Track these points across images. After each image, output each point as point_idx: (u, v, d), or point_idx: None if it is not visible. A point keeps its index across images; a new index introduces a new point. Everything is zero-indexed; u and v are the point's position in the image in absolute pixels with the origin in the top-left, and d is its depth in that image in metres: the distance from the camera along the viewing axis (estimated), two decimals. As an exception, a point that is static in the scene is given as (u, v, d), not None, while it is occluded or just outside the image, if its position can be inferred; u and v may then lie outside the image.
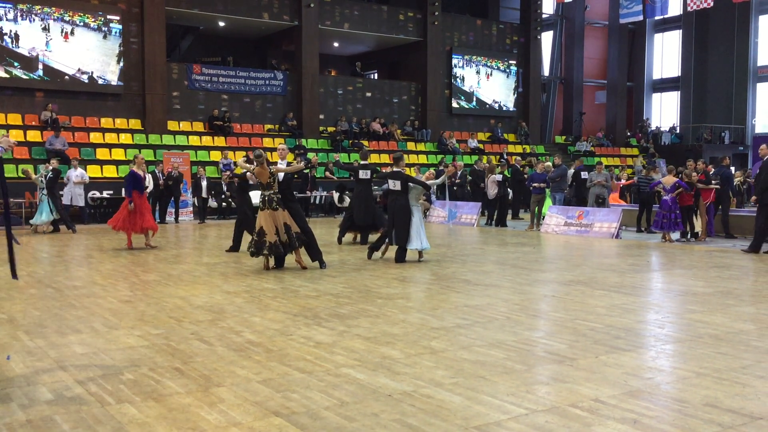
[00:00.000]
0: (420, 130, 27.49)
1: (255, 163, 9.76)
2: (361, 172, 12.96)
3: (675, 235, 14.32)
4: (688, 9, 26.16)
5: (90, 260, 11.10)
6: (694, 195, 14.12)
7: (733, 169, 19.37)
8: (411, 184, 10.70)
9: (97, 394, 4.37)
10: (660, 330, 6.27)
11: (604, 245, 13.60)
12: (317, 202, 22.19)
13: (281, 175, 9.94)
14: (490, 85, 29.77)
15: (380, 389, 4.47)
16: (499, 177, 18.05)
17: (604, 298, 7.74)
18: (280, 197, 9.72)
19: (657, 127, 34.89)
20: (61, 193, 17.29)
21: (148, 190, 18.25)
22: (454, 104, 28.91)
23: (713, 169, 15.06)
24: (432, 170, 12.74)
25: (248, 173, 10.21)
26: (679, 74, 34.79)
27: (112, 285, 8.65)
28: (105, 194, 19.50)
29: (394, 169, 10.92)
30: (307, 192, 21.06)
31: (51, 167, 15.93)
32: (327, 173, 22.48)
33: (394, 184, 10.73)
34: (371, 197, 12.87)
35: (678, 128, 34.25)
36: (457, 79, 28.89)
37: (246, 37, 27.20)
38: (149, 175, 18.55)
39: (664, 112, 36.45)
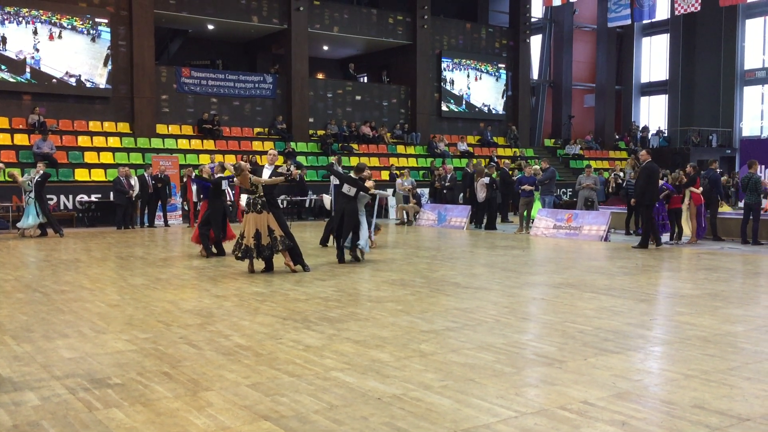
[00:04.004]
0: (410, 134, 27.53)
1: (235, 174, 9.85)
2: (332, 177, 13.33)
3: (663, 238, 14.40)
4: (676, 13, 26.35)
5: (78, 264, 11.03)
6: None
7: (720, 171, 19.49)
8: (361, 192, 11.19)
9: (84, 399, 4.34)
10: (648, 332, 6.29)
11: (593, 248, 13.66)
12: (308, 205, 22.21)
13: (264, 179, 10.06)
14: (479, 88, 29.84)
15: (369, 392, 4.46)
16: (486, 180, 18.06)
17: (593, 300, 7.77)
18: (264, 200, 9.77)
19: (645, 126, 35.03)
20: (49, 196, 17.20)
21: (134, 193, 18.27)
22: (444, 107, 28.96)
23: (694, 172, 15.04)
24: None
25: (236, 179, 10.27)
26: (667, 78, 35.01)
27: (100, 289, 8.60)
28: (93, 198, 19.41)
29: (354, 175, 11.38)
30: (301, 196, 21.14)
31: (41, 170, 15.86)
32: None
33: (348, 190, 11.16)
34: (342, 202, 13.02)
35: (666, 131, 34.45)
36: (447, 83, 28.94)
37: (235, 40, 27.16)
38: (137, 178, 18.52)
39: (653, 115, 36.66)
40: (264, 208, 9.72)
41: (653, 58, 36.36)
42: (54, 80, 21.05)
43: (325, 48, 28.40)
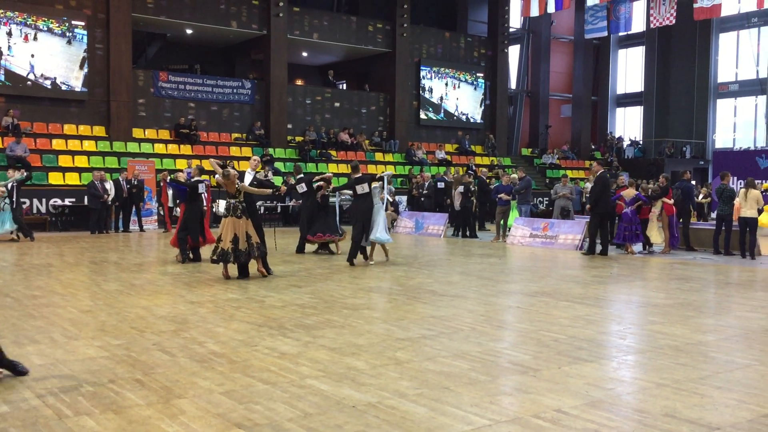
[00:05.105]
0: (388, 141, 27.56)
1: (222, 176, 9.88)
2: (297, 186, 13.58)
3: (637, 247, 14.56)
4: (651, 26, 26.73)
5: (50, 269, 10.87)
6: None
7: (694, 182, 19.76)
8: (374, 183, 11.76)
9: (54, 406, 4.28)
10: (622, 341, 6.36)
11: (568, 257, 13.77)
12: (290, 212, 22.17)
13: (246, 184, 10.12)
14: (457, 97, 30.00)
15: (344, 400, 4.45)
16: (460, 188, 18.11)
17: (567, 309, 7.83)
18: (244, 206, 9.79)
19: (619, 137, 35.47)
20: (22, 200, 16.95)
21: (109, 198, 18.06)
22: (422, 115, 29.06)
23: (666, 182, 15.17)
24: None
25: (218, 178, 10.25)
26: (642, 89, 35.47)
27: (72, 294, 8.49)
28: (67, 202, 19.16)
29: (355, 176, 11.80)
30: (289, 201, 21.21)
31: (24, 173, 15.73)
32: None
33: (362, 188, 11.62)
34: (314, 208, 13.25)
35: (641, 142, 34.89)
36: (425, 91, 29.05)
37: (214, 45, 27.03)
38: (112, 182, 18.32)
39: (628, 126, 37.10)
40: (244, 213, 9.76)
41: (629, 69, 36.82)
42: (29, 82, 20.79)
43: (305, 54, 28.38)
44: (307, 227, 13.30)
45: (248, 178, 10.50)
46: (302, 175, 13.91)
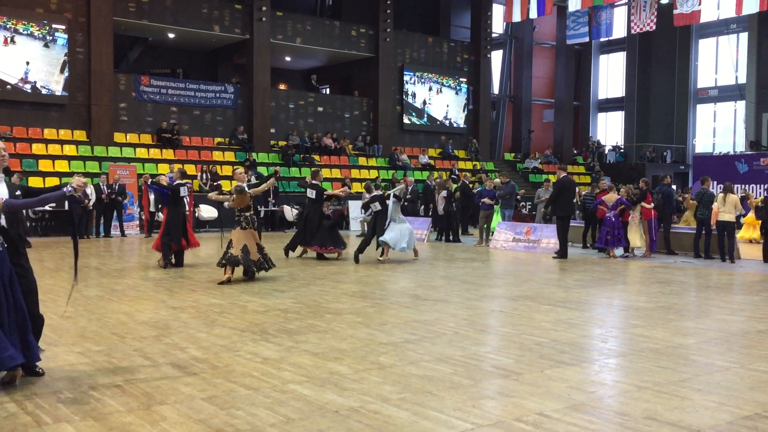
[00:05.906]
0: (371, 146, 27.59)
1: (234, 194, 10.17)
2: (308, 190, 13.42)
3: (618, 251, 14.67)
4: (632, 32, 26.99)
5: (30, 275, 10.74)
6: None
7: (674, 187, 19.95)
8: (387, 201, 12.75)
9: (33, 413, 4.23)
10: (603, 344, 6.40)
11: (551, 261, 13.83)
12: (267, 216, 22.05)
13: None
14: (441, 101, 30.09)
15: (327, 405, 4.44)
16: (444, 192, 18.16)
17: (550, 313, 7.87)
18: (254, 218, 10.26)
19: (597, 141, 35.77)
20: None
21: (90, 203, 17.90)
22: (406, 120, 29.12)
23: (646, 186, 15.27)
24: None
25: (228, 204, 10.54)
26: (623, 95, 35.79)
27: (52, 300, 8.40)
28: (47, 207, 18.96)
29: (370, 195, 13.03)
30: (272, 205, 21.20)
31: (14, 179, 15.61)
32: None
33: (375, 206, 12.79)
34: (317, 216, 13.13)
35: (623, 147, 35.19)
36: (409, 96, 29.12)
37: (196, 49, 26.93)
38: (92, 186, 18.16)
39: (609, 131, 37.41)
40: (257, 225, 10.37)
41: (610, 75, 37.14)
42: (8, 86, 20.58)
43: (288, 59, 28.35)
44: (306, 235, 13.21)
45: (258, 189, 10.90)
46: (317, 183, 13.63)
